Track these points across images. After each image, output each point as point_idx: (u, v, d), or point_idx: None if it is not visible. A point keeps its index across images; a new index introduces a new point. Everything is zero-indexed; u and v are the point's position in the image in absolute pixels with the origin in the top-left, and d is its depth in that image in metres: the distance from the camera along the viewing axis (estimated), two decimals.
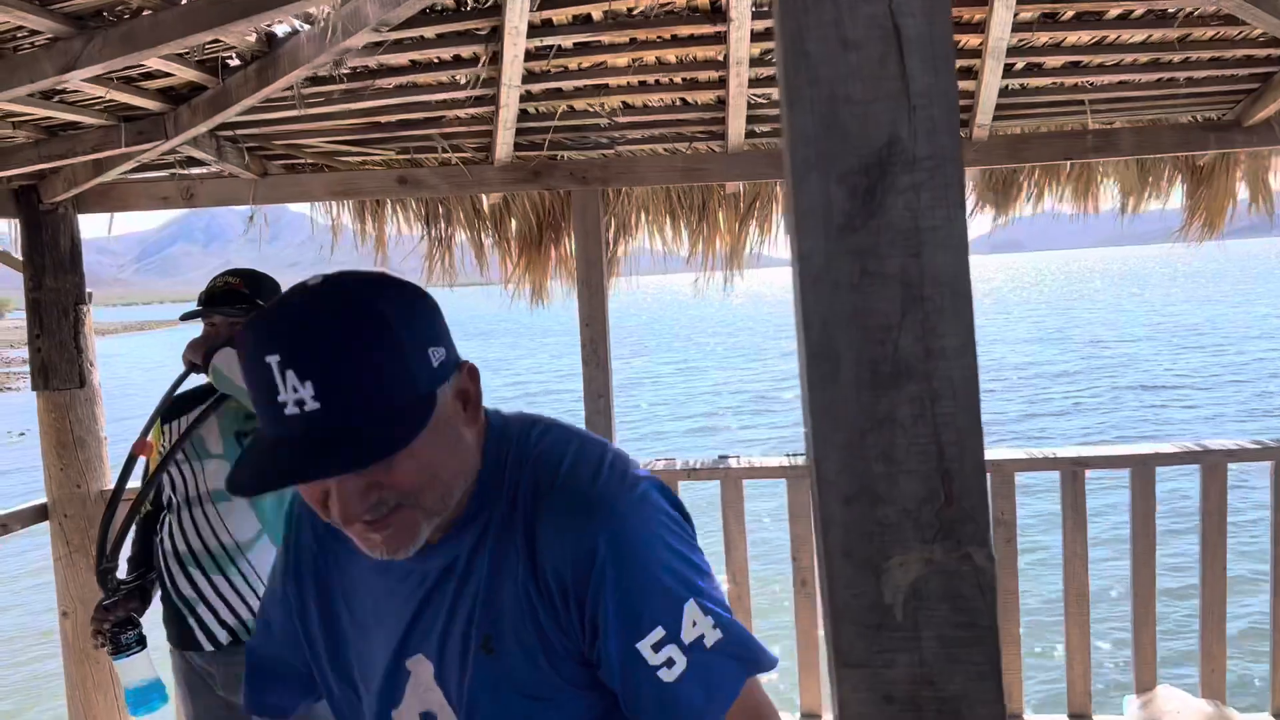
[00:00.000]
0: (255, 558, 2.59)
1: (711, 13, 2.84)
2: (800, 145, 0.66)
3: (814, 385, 0.67)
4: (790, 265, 0.71)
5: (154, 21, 2.26)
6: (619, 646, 1.03)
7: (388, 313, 0.98)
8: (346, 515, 0.99)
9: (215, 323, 2.66)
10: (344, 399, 0.94)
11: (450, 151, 3.64)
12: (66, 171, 3.55)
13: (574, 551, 1.05)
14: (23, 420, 25.90)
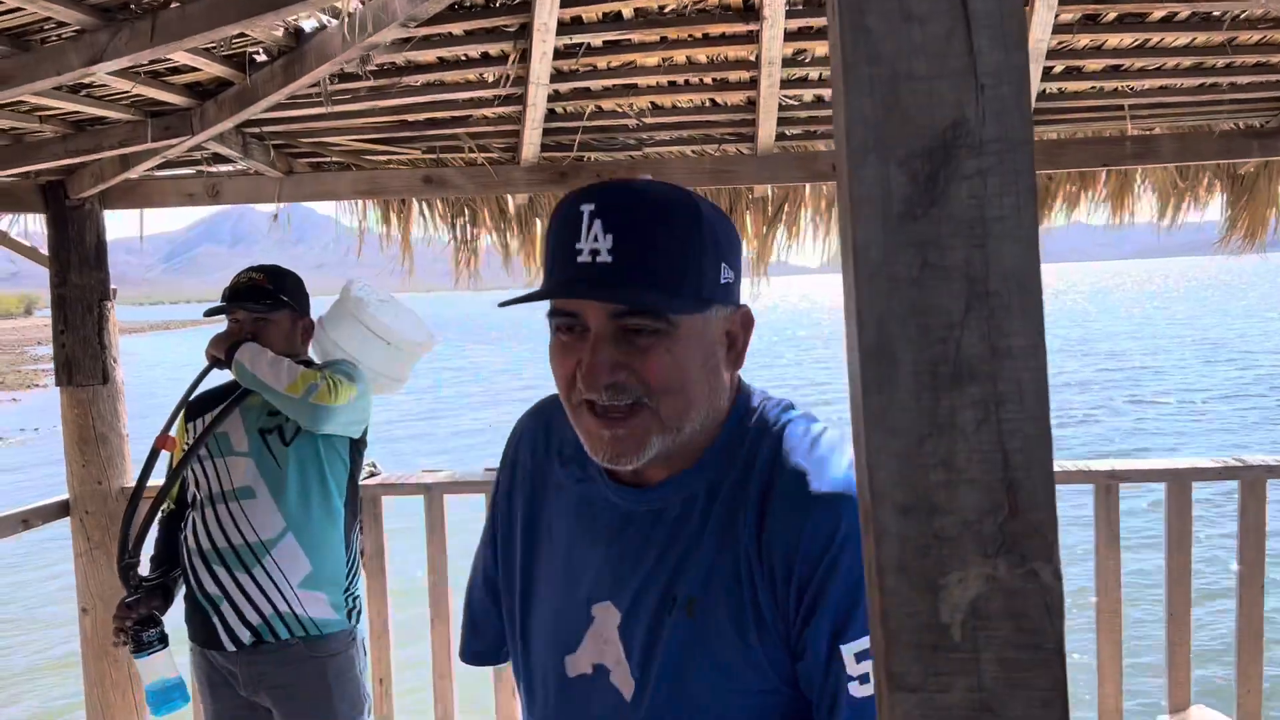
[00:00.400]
0: (279, 555, 2.57)
1: (744, 11, 2.79)
2: (857, 127, 0.61)
3: (868, 387, 0.62)
4: (841, 258, 0.66)
5: (181, 14, 2.23)
6: (826, 643, 0.98)
7: (705, 212, 1.04)
8: (592, 379, 1.01)
9: (239, 318, 2.65)
10: (636, 258, 0.98)
11: (477, 151, 3.61)
12: (93, 167, 3.55)
13: (810, 529, 1.00)
14: (46, 417, 26.16)
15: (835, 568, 0.98)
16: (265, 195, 3.73)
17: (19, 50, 2.36)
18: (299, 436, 2.61)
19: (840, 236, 0.67)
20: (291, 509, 2.58)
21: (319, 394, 2.50)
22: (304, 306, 2.78)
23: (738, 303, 1.10)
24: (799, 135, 3.65)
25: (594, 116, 3.46)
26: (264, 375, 2.51)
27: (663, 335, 1.01)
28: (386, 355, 2.96)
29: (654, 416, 1.03)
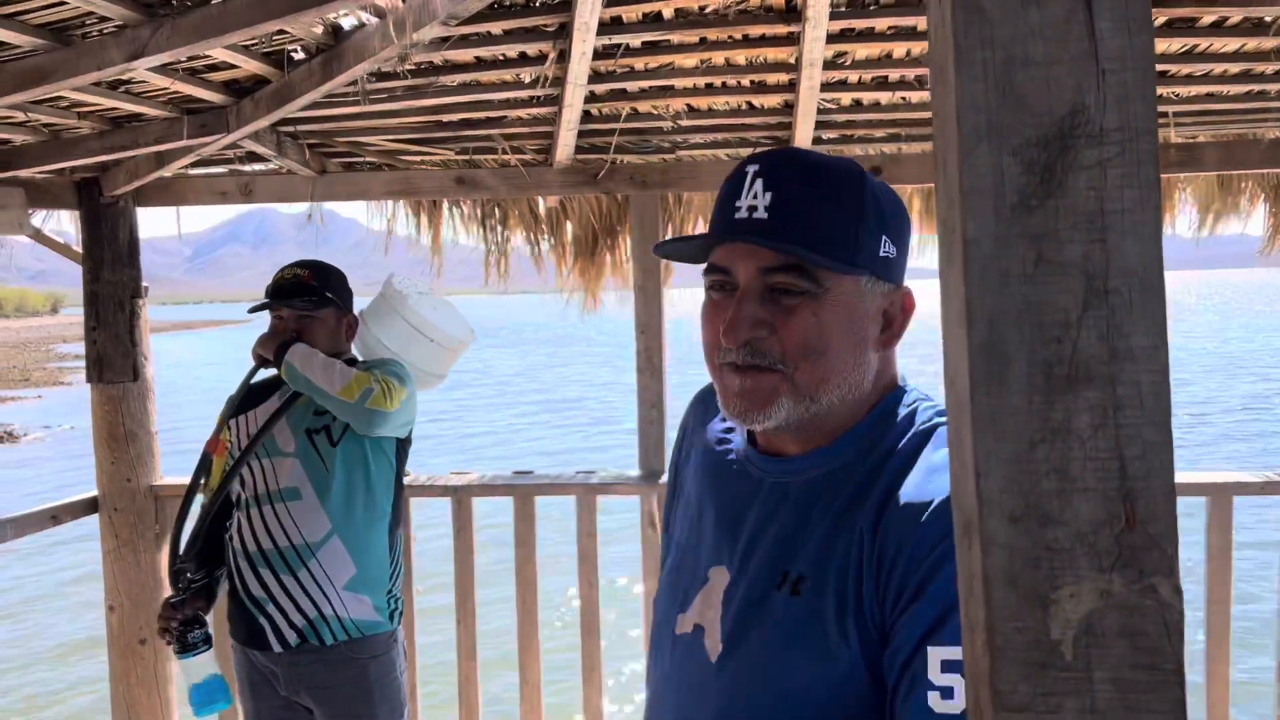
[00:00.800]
0: (325, 558, 2.54)
1: (786, 13, 2.76)
2: (969, 113, 0.58)
3: (977, 389, 0.59)
4: (943, 252, 0.63)
5: (223, 10, 2.22)
6: (912, 637, 0.93)
7: (871, 184, 1.05)
8: (732, 332, 1.01)
9: (284, 315, 2.62)
10: (791, 215, 1.00)
11: (510, 152, 3.59)
12: (128, 164, 3.55)
13: (928, 524, 0.95)
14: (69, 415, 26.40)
15: (942, 567, 0.93)
16: (298, 194, 3.72)
17: (60, 45, 2.36)
18: (346, 437, 2.58)
19: (941, 230, 0.64)
20: (337, 511, 2.55)
21: (374, 398, 2.46)
22: (348, 302, 2.74)
23: (899, 282, 1.08)
24: (835, 139, 3.61)
25: (629, 119, 3.44)
26: (317, 379, 2.47)
27: (809, 297, 1.01)
28: (428, 351, 2.93)
29: (787, 380, 1.02)
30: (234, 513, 2.64)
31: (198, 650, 2.49)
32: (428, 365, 2.94)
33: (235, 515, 2.63)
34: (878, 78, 3.21)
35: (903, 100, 3.35)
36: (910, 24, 2.86)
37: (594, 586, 3.68)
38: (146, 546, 3.82)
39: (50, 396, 33.23)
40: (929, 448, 1.03)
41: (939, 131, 0.63)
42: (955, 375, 0.62)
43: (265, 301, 2.64)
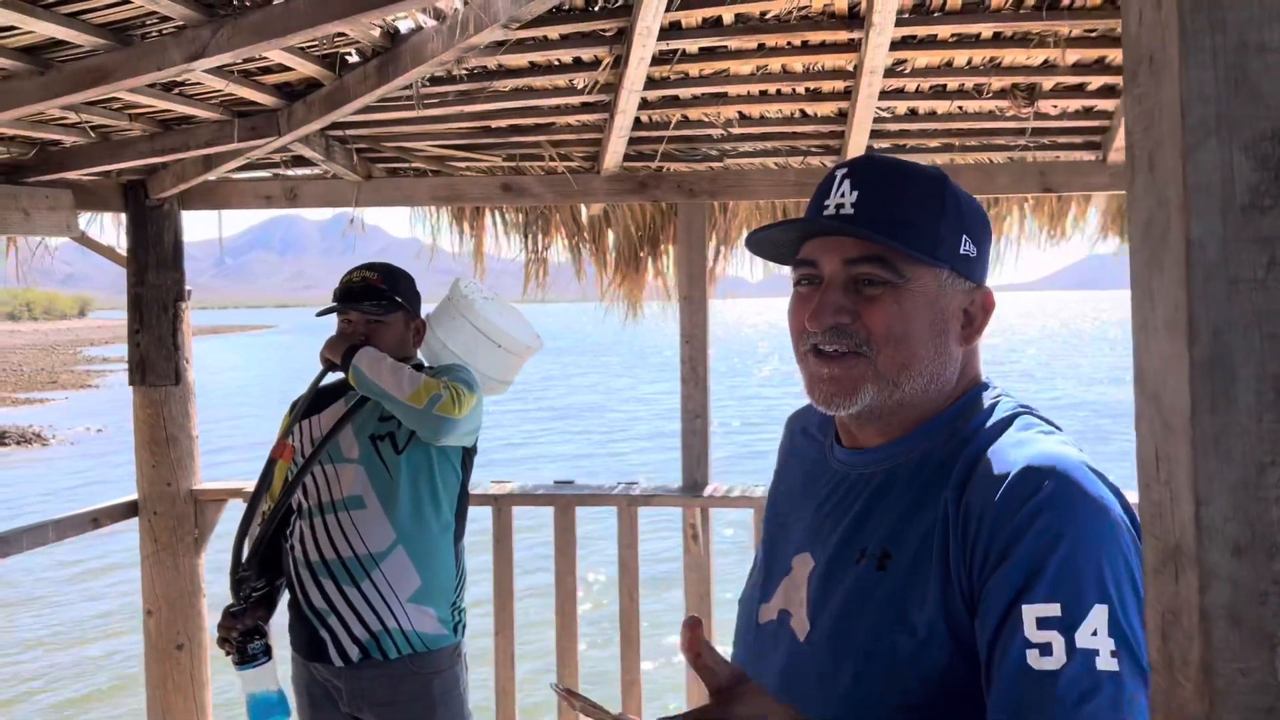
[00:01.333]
0: (389, 569, 2.48)
1: (848, 18, 2.71)
2: (1196, 105, 0.53)
3: (1200, 407, 0.54)
4: (1151, 256, 0.58)
5: (285, 10, 2.20)
6: (1007, 597, 0.93)
7: (952, 186, 1.12)
8: (818, 317, 1.07)
9: (352, 319, 2.56)
10: (875, 210, 1.06)
11: (557, 159, 3.56)
12: (175, 167, 3.54)
13: (1011, 487, 0.97)
14: (95, 417, 26.64)
15: (1029, 525, 0.94)
16: (344, 199, 3.70)
17: (120, 45, 2.34)
18: (412, 444, 2.52)
19: (1141, 233, 0.59)
20: (402, 520, 2.49)
21: (443, 405, 2.40)
22: (417, 307, 2.68)
23: (980, 282, 1.13)
24: (888, 149, 3.56)
25: (679, 126, 3.40)
26: (385, 384, 2.42)
27: (891, 287, 1.07)
28: (495, 357, 2.85)
29: (870, 365, 1.07)
30: (294, 521, 2.59)
31: (257, 662, 2.43)
32: (494, 371, 2.87)
33: (296, 524, 2.57)
34: (936, 86, 3.16)
35: (959, 109, 3.29)
36: (974, 31, 2.81)
37: (634, 600, 3.63)
38: (185, 551, 3.80)
39: (77, 399, 33.55)
40: (1013, 428, 1.06)
41: (1145, 127, 0.58)
42: (1162, 391, 0.57)
43: (334, 305, 2.58)
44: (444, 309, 2.89)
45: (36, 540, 3.47)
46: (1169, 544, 0.57)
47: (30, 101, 2.44)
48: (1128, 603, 0.92)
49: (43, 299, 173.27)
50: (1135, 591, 0.93)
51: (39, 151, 3.22)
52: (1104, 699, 0.88)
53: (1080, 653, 0.89)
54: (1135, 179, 0.60)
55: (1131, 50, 0.60)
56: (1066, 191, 3.53)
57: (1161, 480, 0.58)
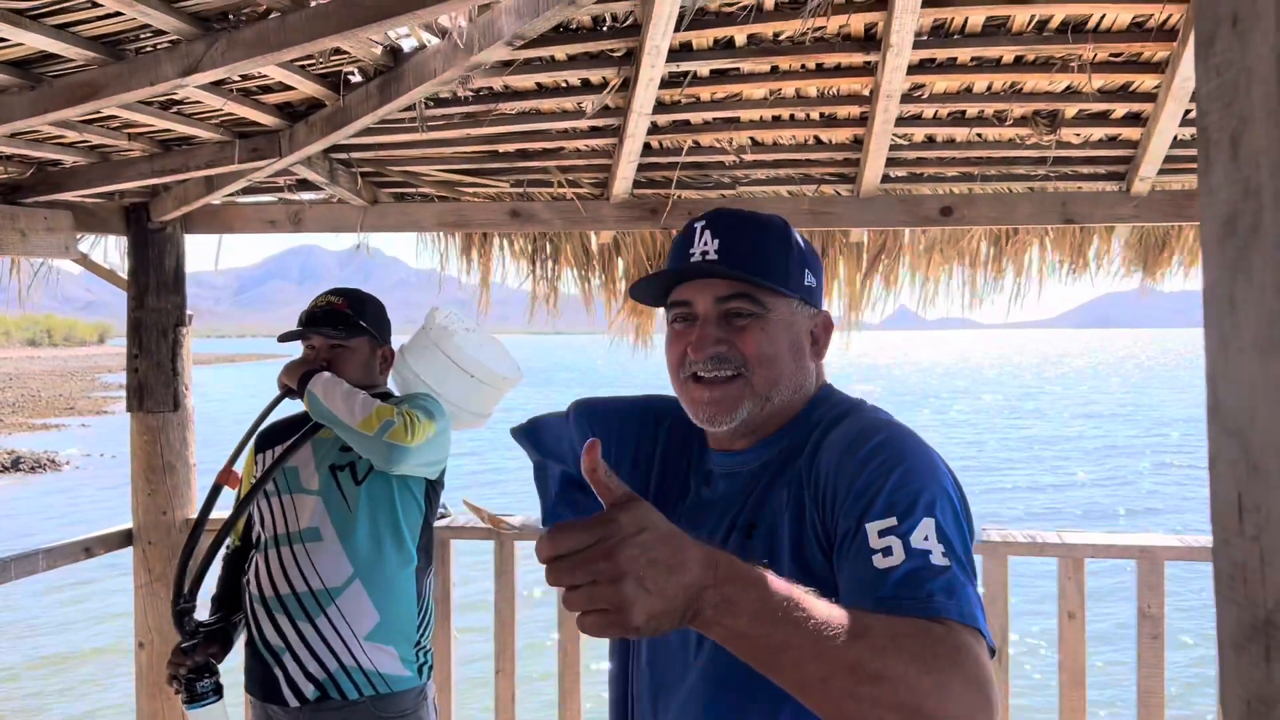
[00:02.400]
0: (345, 604, 2.37)
1: (865, 40, 2.63)
2: None
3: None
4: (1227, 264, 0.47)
5: (281, 24, 2.13)
6: (851, 523, 1.10)
7: (794, 233, 1.33)
8: (700, 348, 1.25)
9: (315, 345, 2.49)
10: (735, 255, 1.26)
11: (566, 185, 3.48)
12: (177, 190, 3.48)
13: (845, 442, 1.18)
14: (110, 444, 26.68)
15: (866, 465, 1.13)
16: (349, 224, 3.63)
17: (112, 59, 2.27)
18: (372, 475, 2.42)
19: (1229, 231, 0.49)
20: (360, 554, 2.38)
21: (394, 432, 2.30)
22: (384, 334, 2.60)
23: (820, 307, 1.35)
24: (904, 178, 3.46)
25: (690, 152, 3.31)
26: (336, 408, 2.32)
27: (757, 317, 1.27)
28: (470, 389, 2.75)
29: (747, 384, 1.27)
30: (251, 555, 2.49)
31: (206, 700, 2.31)
32: (467, 403, 2.77)
33: (253, 557, 2.47)
34: (954, 113, 3.07)
35: (978, 137, 3.20)
36: (994, 54, 2.72)
37: None
38: None
39: (93, 425, 33.67)
40: (854, 412, 1.28)
41: (1225, 103, 0.48)
42: (1248, 425, 0.46)
43: (297, 330, 2.51)
44: (418, 338, 2.80)
45: (26, 569, 3.36)
46: (1257, 616, 0.46)
47: (21, 116, 2.37)
48: (949, 523, 1.09)
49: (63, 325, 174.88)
50: (956, 514, 1.11)
51: (37, 171, 3.16)
52: (940, 583, 1.02)
53: (916, 551, 1.05)
54: (1212, 167, 0.49)
55: (1207, 13, 0.50)
56: (1089, 223, 3.42)
57: (1247, 535, 0.47)
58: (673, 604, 0.88)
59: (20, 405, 42.66)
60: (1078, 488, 20.24)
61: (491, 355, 2.87)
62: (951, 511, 1.10)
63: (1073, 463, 23.58)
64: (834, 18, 2.48)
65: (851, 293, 4.06)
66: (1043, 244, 3.85)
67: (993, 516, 14.56)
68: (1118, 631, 6.84)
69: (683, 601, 0.88)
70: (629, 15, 2.53)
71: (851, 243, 3.94)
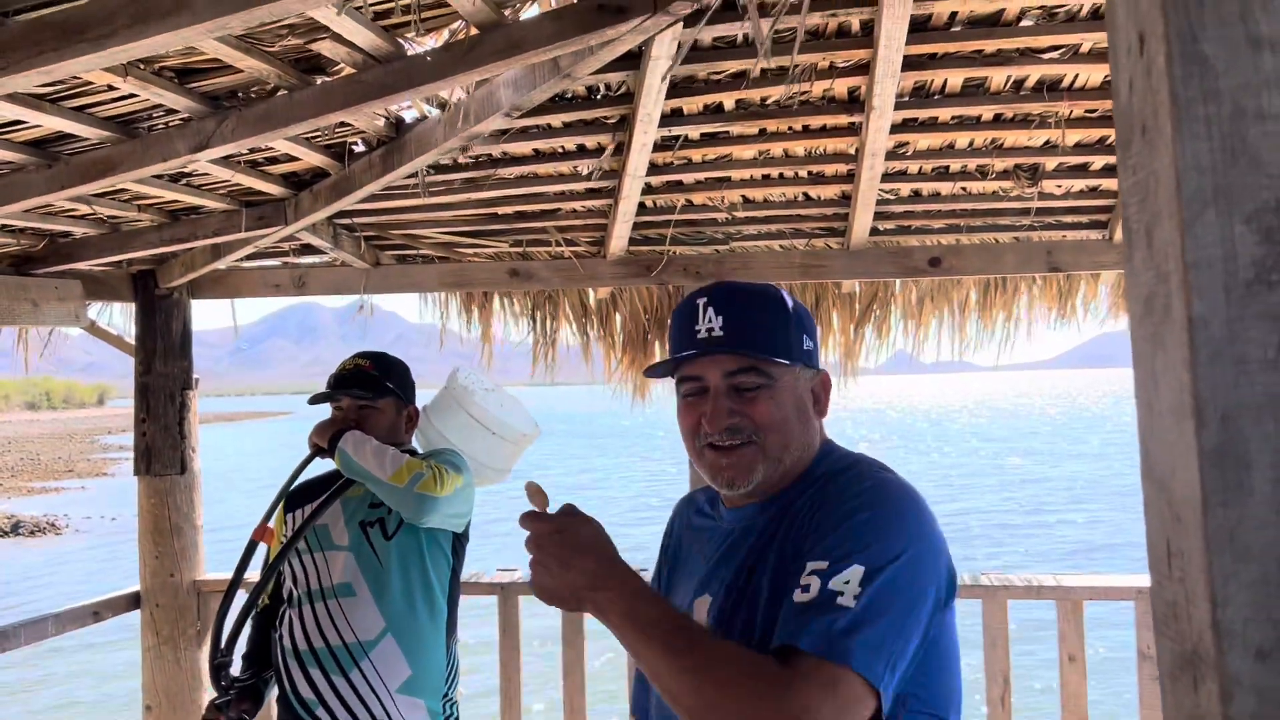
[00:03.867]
0: (378, 658, 2.42)
1: (848, 103, 2.73)
2: (1192, 175, 0.50)
3: (1212, 500, 0.49)
4: (1151, 336, 0.54)
5: (288, 101, 2.22)
6: (803, 559, 1.21)
7: (788, 301, 1.40)
8: (715, 421, 1.34)
9: (344, 406, 2.56)
10: (741, 331, 1.33)
11: (564, 244, 3.57)
12: (184, 257, 3.57)
13: (840, 493, 1.28)
14: (111, 506, 26.59)
15: (830, 514, 1.24)
16: (351, 287, 3.71)
17: (127, 137, 2.37)
18: (401, 530, 2.48)
19: (1140, 309, 0.56)
20: (393, 609, 2.44)
21: (424, 483, 2.38)
22: (410, 394, 2.68)
23: (818, 367, 1.42)
24: (892, 230, 3.56)
25: (683, 210, 3.41)
26: (368, 464, 2.40)
27: (765, 388, 1.35)
28: (491, 445, 2.84)
29: (759, 450, 1.34)
30: (284, 610, 2.53)
31: None
32: (489, 459, 2.85)
33: (285, 612, 2.52)
34: (938, 168, 3.17)
35: (963, 190, 3.29)
36: (975, 113, 2.82)
37: None
38: (187, 644, 3.72)
39: (93, 487, 33.53)
40: (858, 467, 1.36)
41: (1140, 198, 0.55)
42: (1170, 480, 0.53)
43: (326, 391, 2.58)
44: (441, 398, 2.89)
45: (35, 635, 3.40)
46: (1185, 649, 0.53)
47: (38, 193, 2.46)
48: (884, 575, 1.16)
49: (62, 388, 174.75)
50: (902, 570, 1.18)
51: (48, 243, 3.25)
52: (827, 620, 1.12)
53: (829, 591, 1.15)
54: (1133, 253, 0.57)
55: (1123, 120, 0.57)
56: (1074, 270, 3.51)
57: (1174, 578, 0.54)
58: (561, 591, 1.23)
59: (20, 469, 42.54)
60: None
61: (512, 413, 2.95)
62: (897, 566, 1.17)
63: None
64: (818, 83, 2.59)
65: (845, 342, 4.14)
66: (1031, 291, 3.94)
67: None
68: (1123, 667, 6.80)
69: (568, 592, 1.22)
70: (621, 85, 2.63)
71: (844, 293, 4.03)
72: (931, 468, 32.68)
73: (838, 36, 2.46)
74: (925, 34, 2.42)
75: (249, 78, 2.21)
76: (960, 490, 26.68)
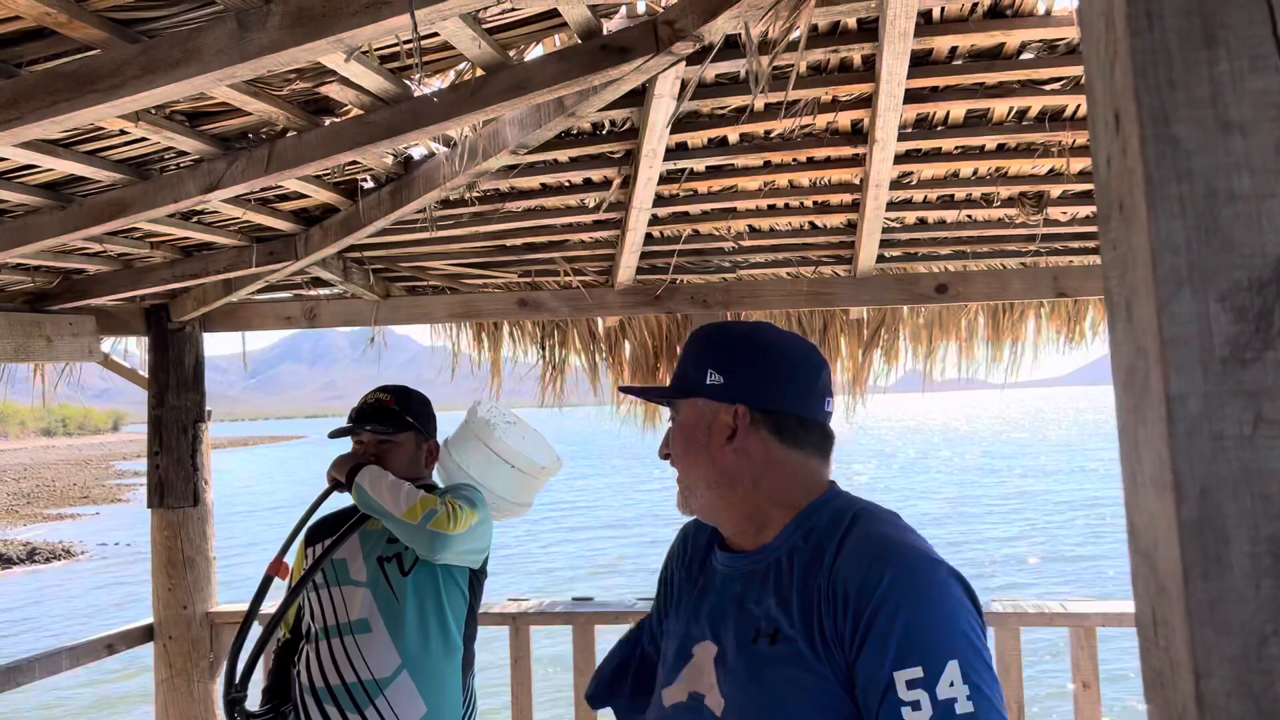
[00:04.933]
0: (393, 696, 2.41)
1: (852, 135, 2.75)
2: (1167, 254, 0.51)
3: (1193, 573, 0.50)
4: (1134, 411, 0.55)
5: (297, 143, 2.26)
6: (879, 669, 1.15)
7: (708, 333, 1.46)
8: (660, 448, 1.44)
9: (364, 440, 2.57)
10: (674, 374, 1.47)
11: (572, 274, 3.59)
12: (196, 291, 3.61)
13: (865, 575, 1.20)
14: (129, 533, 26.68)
15: (882, 608, 1.17)
16: (362, 318, 3.74)
17: (138, 179, 2.40)
18: (418, 566, 2.48)
19: (1125, 381, 0.57)
20: (409, 645, 2.44)
21: (437, 520, 2.38)
22: (430, 428, 2.68)
23: (735, 402, 1.36)
24: (899, 257, 3.57)
25: (690, 239, 3.43)
26: (383, 499, 2.40)
27: (675, 420, 1.43)
28: (511, 479, 2.82)
29: (681, 475, 1.41)
30: (302, 646, 2.54)
31: None
32: (510, 494, 2.84)
33: (303, 648, 2.52)
34: (943, 196, 3.18)
35: (968, 218, 3.31)
36: (978, 143, 2.84)
37: None
38: (200, 676, 3.73)
39: (108, 514, 33.64)
40: (864, 521, 1.30)
41: (1120, 273, 0.56)
42: (1154, 551, 0.54)
43: (347, 426, 2.60)
44: (461, 432, 2.88)
45: (50, 668, 3.42)
46: (1172, 716, 0.53)
47: (52, 234, 2.49)
48: (970, 653, 1.15)
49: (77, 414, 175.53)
50: (975, 641, 1.17)
51: (62, 280, 3.29)
52: None
53: (942, 703, 1.11)
54: (1115, 326, 0.58)
55: (1103, 195, 0.58)
56: (1081, 295, 3.51)
57: (1160, 647, 0.54)
58: None
59: (35, 495, 42.74)
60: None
61: (532, 447, 2.94)
62: (967, 641, 1.16)
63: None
64: (821, 116, 2.61)
65: (854, 366, 4.15)
66: (1038, 316, 3.94)
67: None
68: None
69: None
70: (627, 120, 2.66)
71: (852, 319, 4.04)
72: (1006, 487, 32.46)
73: (840, 71, 2.49)
74: (927, 67, 2.44)
75: (258, 120, 2.25)
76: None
